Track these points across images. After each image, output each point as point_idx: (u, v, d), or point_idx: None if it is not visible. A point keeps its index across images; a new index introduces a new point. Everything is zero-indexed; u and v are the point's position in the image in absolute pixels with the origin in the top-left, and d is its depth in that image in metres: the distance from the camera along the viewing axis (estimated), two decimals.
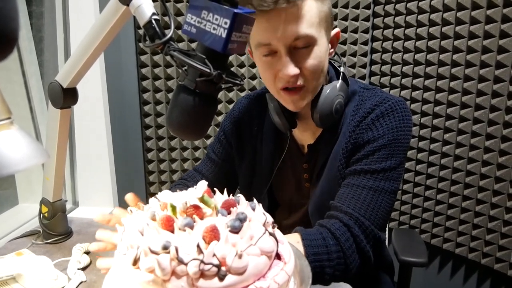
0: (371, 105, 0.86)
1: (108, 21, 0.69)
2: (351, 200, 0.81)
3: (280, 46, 0.77)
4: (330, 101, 0.84)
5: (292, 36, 0.75)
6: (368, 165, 0.83)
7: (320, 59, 0.80)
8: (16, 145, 0.47)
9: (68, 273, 0.79)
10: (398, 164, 0.84)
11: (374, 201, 0.81)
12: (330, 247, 0.75)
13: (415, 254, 1.10)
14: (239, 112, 1.06)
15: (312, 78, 0.81)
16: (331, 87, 0.85)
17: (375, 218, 0.80)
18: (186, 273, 0.44)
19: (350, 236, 0.77)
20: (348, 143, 0.86)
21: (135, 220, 0.52)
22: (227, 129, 1.06)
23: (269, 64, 0.81)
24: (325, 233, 0.77)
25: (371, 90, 0.91)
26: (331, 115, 0.85)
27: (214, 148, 1.08)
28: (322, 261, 0.74)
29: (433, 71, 1.53)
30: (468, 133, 1.48)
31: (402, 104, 0.86)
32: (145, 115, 1.80)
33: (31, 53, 1.42)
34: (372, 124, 0.85)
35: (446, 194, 1.59)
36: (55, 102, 0.81)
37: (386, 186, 0.82)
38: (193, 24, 0.58)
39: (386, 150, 0.83)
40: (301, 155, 0.97)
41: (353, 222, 0.78)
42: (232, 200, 0.55)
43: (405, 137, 0.85)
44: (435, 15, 1.48)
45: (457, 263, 1.70)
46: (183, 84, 0.60)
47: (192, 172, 1.11)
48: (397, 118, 0.84)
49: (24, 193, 1.45)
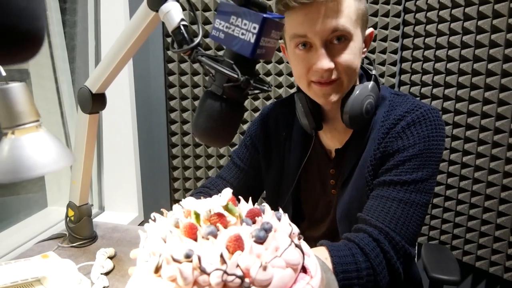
0: (401, 112, 0.83)
1: (138, 27, 0.69)
2: (380, 213, 0.78)
3: (317, 39, 0.76)
4: (361, 101, 0.82)
5: (329, 30, 0.75)
6: (398, 176, 0.80)
7: (354, 55, 0.79)
8: (43, 147, 0.47)
9: (91, 278, 0.79)
10: (430, 176, 0.80)
11: (405, 214, 0.77)
12: (360, 264, 0.72)
13: (447, 271, 1.04)
14: (266, 118, 1.04)
15: (346, 73, 0.80)
16: (362, 87, 0.83)
17: (405, 233, 0.77)
18: (209, 283, 0.42)
19: (380, 252, 0.74)
20: (377, 151, 0.84)
21: (158, 227, 0.51)
22: (254, 134, 1.05)
23: (303, 58, 0.80)
24: (354, 249, 0.74)
25: (402, 96, 0.88)
26: (361, 116, 0.83)
27: (239, 154, 1.06)
28: (351, 279, 0.71)
29: (466, 80, 1.47)
30: (504, 145, 1.41)
31: (435, 112, 0.83)
32: (171, 122, 1.82)
33: (64, 62, 1.46)
34: (402, 132, 0.81)
35: (479, 209, 1.52)
36: (84, 107, 0.82)
37: (417, 198, 0.78)
38: (221, 30, 0.57)
39: (418, 160, 0.79)
40: (328, 160, 0.95)
41: (383, 237, 0.75)
42: (257, 209, 0.53)
43: (438, 147, 0.81)
44: (468, 23, 1.43)
45: (490, 282, 1.62)
46: (210, 90, 0.60)
47: (214, 180, 1.08)
48: (430, 127, 0.81)
49: (53, 196, 1.48)
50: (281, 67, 1.69)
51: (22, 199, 1.41)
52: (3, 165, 0.46)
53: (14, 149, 0.46)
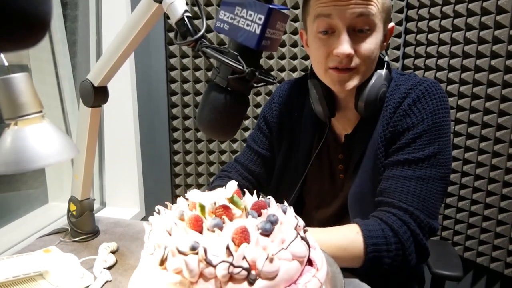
0: (405, 89, 0.85)
1: (140, 19, 0.68)
2: (401, 193, 0.80)
3: (341, 22, 0.76)
4: (377, 90, 0.83)
5: (355, 14, 0.75)
6: (411, 153, 0.81)
7: (375, 46, 0.80)
8: (47, 139, 0.47)
9: (94, 272, 0.78)
10: (443, 148, 0.81)
11: (424, 191, 0.79)
12: (389, 239, 0.75)
13: (449, 267, 1.04)
14: (279, 97, 1.05)
15: (365, 63, 0.80)
16: (377, 75, 0.84)
17: (428, 209, 0.79)
18: (215, 275, 0.42)
19: (407, 229, 0.77)
20: (386, 131, 0.85)
21: (163, 220, 0.51)
22: (267, 115, 1.05)
23: (324, 42, 0.80)
24: (383, 225, 0.77)
25: (405, 75, 0.90)
26: (375, 104, 0.84)
27: (254, 137, 1.07)
28: (381, 251, 0.74)
29: (469, 77, 1.47)
30: (506, 142, 1.41)
31: (436, 85, 0.84)
32: (173, 118, 1.81)
33: (65, 56, 1.45)
34: (409, 109, 0.83)
35: (481, 206, 1.51)
36: (86, 100, 0.81)
37: (433, 173, 0.80)
38: (225, 21, 0.56)
39: (428, 135, 0.81)
40: (337, 145, 0.96)
41: (408, 217, 0.78)
42: (263, 202, 0.53)
43: (445, 119, 0.82)
44: (472, 19, 1.42)
45: (491, 278, 1.62)
46: (214, 82, 0.59)
47: (232, 164, 1.09)
48: (434, 100, 0.82)
49: (54, 192, 1.48)
50: (283, 63, 1.69)
51: (23, 195, 1.41)
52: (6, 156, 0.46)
53: (17, 140, 0.45)
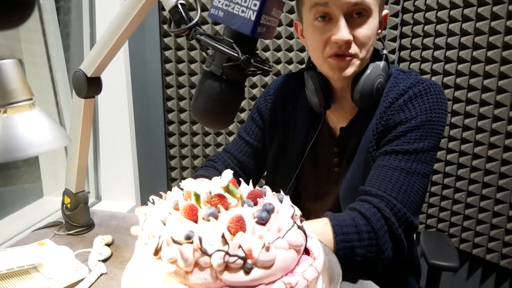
0: (404, 87, 0.83)
1: (134, 7, 0.67)
2: (382, 182, 0.77)
3: (338, 10, 0.76)
4: (372, 80, 0.82)
5: (352, 1, 0.75)
6: (400, 145, 0.80)
7: (372, 32, 0.80)
8: (37, 127, 0.45)
9: (89, 265, 0.78)
10: (432, 147, 0.80)
11: (406, 183, 0.76)
12: (360, 227, 0.71)
13: (446, 258, 1.04)
14: (274, 90, 1.04)
15: (363, 48, 0.80)
16: (374, 66, 0.83)
17: (407, 201, 0.76)
18: (210, 265, 0.41)
19: (381, 217, 0.73)
20: (379, 125, 0.84)
21: (157, 209, 0.50)
22: (261, 106, 1.05)
23: (322, 29, 0.79)
24: (354, 214, 0.73)
25: (406, 73, 0.88)
26: (371, 95, 0.83)
27: (246, 128, 1.06)
28: (352, 241, 0.69)
29: (465, 68, 1.46)
30: (502, 133, 1.41)
31: (437, 87, 0.83)
32: (168, 111, 1.80)
33: (58, 49, 1.43)
34: (404, 105, 0.82)
35: (477, 197, 1.52)
36: (79, 91, 0.80)
37: (418, 168, 0.78)
38: (220, 8, 0.55)
39: (419, 131, 0.79)
40: (332, 139, 0.95)
41: (384, 205, 0.74)
42: (259, 191, 0.52)
43: (440, 120, 0.81)
44: (469, 10, 1.41)
45: (487, 270, 1.63)
46: (209, 70, 0.58)
47: (220, 153, 1.07)
48: (431, 100, 0.81)
49: (49, 186, 1.47)
50: (279, 55, 1.68)
51: (18, 190, 1.40)
52: None
53: (6, 128, 0.44)
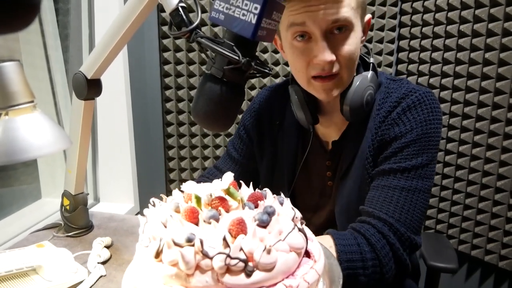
0: (397, 98, 0.81)
1: (134, 10, 0.67)
2: (383, 203, 0.76)
3: (316, 29, 0.72)
4: (361, 93, 0.80)
5: (330, 20, 0.71)
6: (397, 163, 0.78)
7: (356, 45, 0.76)
8: (38, 129, 0.46)
9: (88, 267, 0.78)
10: (430, 161, 0.78)
11: (408, 202, 0.75)
12: (365, 254, 0.70)
13: (444, 259, 1.05)
14: (259, 104, 1.02)
15: (347, 66, 0.77)
16: (362, 77, 0.81)
17: (410, 222, 0.75)
18: (211, 267, 0.42)
19: (386, 243, 0.72)
20: (375, 140, 0.82)
21: (158, 212, 0.50)
22: (247, 123, 1.02)
23: (302, 50, 0.76)
24: (359, 239, 0.72)
25: (397, 81, 0.86)
26: (361, 108, 0.81)
27: (234, 144, 1.04)
28: (356, 268, 0.69)
29: (463, 70, 1.47)
30: (500, 135, 1.41)
31: (430, 95, 0.81)
32: (167, 112, 1.80)
33: (57, 50, 1.43)
34: (398, 118, 0.79)
35: (475, 199, 1.52)
36: (79, 93, 0.80)
37: (419, 185, 0.77)
38: (221, 11, 0.55)
39: (416, 146, 0.78)
40: (324, 152, 0.93)
41: (388, 229, 0.73)
42: (259, 193, 0.52)
43: (435, 131, 0.79)
44: (466, 12, 1.42)
45: (486, 271, 1.63)
46: (210, 72, 0.58)
47: (212, 170, 1.07)
48: (426, 111, 0.79)
49: (48, 188, 1.46)
50: (278, 57, 1.68)
51: (16, 191, 1.39)
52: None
53: (8, 131, 0.44)
